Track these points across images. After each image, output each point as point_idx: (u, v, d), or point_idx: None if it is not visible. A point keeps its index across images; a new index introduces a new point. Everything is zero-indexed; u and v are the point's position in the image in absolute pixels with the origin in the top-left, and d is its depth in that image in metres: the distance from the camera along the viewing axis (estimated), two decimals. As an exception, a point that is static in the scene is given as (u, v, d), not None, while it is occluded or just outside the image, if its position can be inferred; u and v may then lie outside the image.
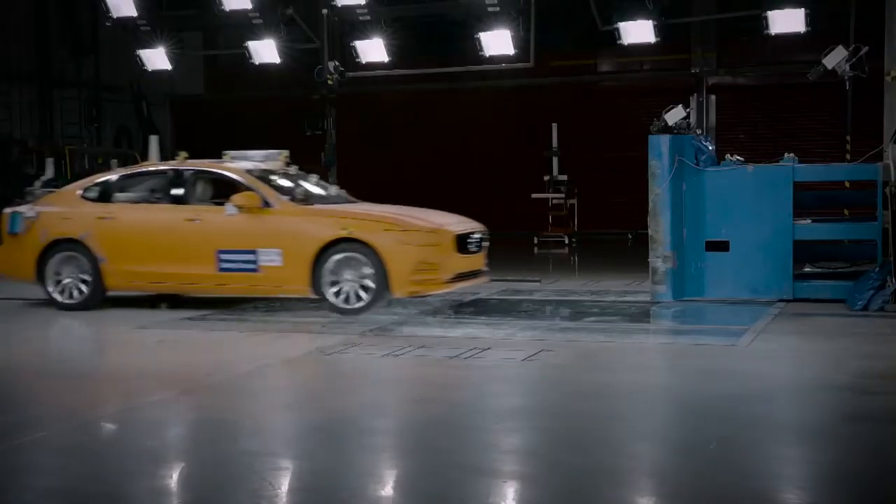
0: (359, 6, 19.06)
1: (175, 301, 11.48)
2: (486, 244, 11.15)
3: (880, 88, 16.36)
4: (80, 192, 11.53)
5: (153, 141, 12.22)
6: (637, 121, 19.59)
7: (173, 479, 5.18)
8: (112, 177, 11.84)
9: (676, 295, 11.10)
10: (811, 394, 6.83)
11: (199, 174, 11.41)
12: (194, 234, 10.82)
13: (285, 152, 12.12)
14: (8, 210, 11.67)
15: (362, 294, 10.23)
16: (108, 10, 19.67)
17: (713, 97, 18.92)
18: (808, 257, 11.65)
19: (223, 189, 11.44)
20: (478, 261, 11.01)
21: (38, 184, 12.33)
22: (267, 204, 10.69)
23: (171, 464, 5.46)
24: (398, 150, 24.50)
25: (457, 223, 10.94)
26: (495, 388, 7.20)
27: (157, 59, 20.38)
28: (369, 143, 24.02)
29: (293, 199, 10.94)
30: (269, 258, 10.48)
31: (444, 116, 23.90)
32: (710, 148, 11.75)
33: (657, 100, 19.72)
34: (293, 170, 11.97)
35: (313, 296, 10.40)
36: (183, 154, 12.00)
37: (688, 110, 17.74)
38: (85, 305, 11.01)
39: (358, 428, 6.03)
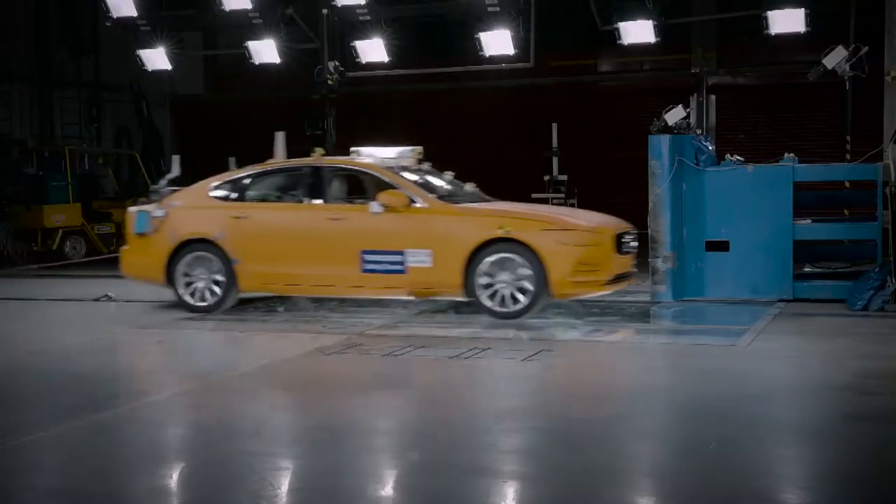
0: (359, 6, 19.06)
1: (284, 301, 11.30)
2: (635, 245, 10.61)
3: (880, 88, 16.35)
4: (209, 190, 11.07)
5: (279, 138, 11.31)
6: (637, 121, 19.60)
7: (173, 479, 5.18)
8: (242, 174, 11.17)
9: (676, 295, 11.10)
10: (811, 393, 6.83)
11: (337, 171, 10.96)
12: (337, 233, 10.39)
13: (418, 148, 11.61)
14: (133, 209, 11.29)
15: (519, 297, 9.77)
16: (108, 10, 19.67)
17: (713, 97, 18.91)
18: (808, 257, 11.65)
19: (356, 187, 11.31)
20: (629, 262, 10.48)
21: (162, 182, 11.57)
22: (412, 202, 10.28)
23: (170, 464, 5.46)
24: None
25: (612, 222, 10.51)
26: (495, 388, 7.20)
27: (157, 59, 20.37)
28: (369, 143, 23.90)
29: (440, 198, 10.55)
30: (418, 259, 10.03)
31: (444, 116, 23.88)
32: (710, 148, 11.76)
33: (657, 100, 19.74)
34: (426, 166, 11.59)
35: (464, 298, 10.04)
36: (319, 151, 11.61)
37: (688, 110, 17.73)
38: (217, 308, 10.63)
39: (358, 428, 6.03)
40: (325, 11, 19.89)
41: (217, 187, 11.10)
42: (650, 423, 6.18)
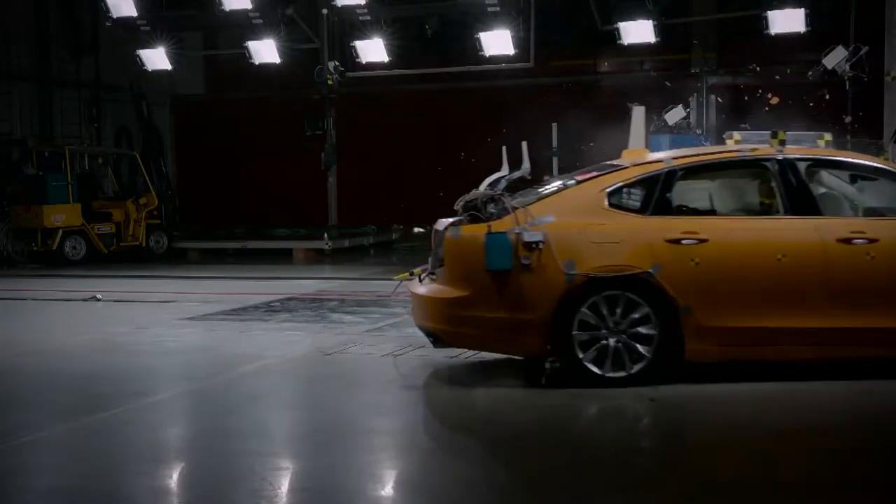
0: (359, 6, 19.08)
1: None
2: None
3: (880, 88, 16.36)
4: (605, 197, 7.11)
5: (638, 112, 8.52)
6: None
7: (173, 478, 5.18)
8: (653, 172, 7.25)
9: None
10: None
11: (818, 165, 7.53)
12: (877, 262, 6.91)
13: (826, 135, 9.31)
14: (472, 232, 7.04)
15: None
16: (108, 10, 19.70)
17: (713, 97, 18.92)
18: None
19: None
20: None
21: (485, 186, 7.77)
22: None
23: (171, 463, 5.46)
24: (398, 150, 24.49)
25: None
26: (495, 388, 7.18)
27: (157, 59, 20.40)
28: (369, 143, 24.01)
29: None
30: None
31: (444, 116, 23.89)
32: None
33: (657, 100, 19.77)
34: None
35: None
36: (735, 136, 8.91)
37: (688, 110, 17.83)
38: (642, 379, 6.80)
39: (358, 428, 6.03)
40: (325, 11, 19.93)
41: (616, 192, 7.19)
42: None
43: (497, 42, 18.46)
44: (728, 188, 7.72)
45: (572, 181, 7.38)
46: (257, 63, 20.06)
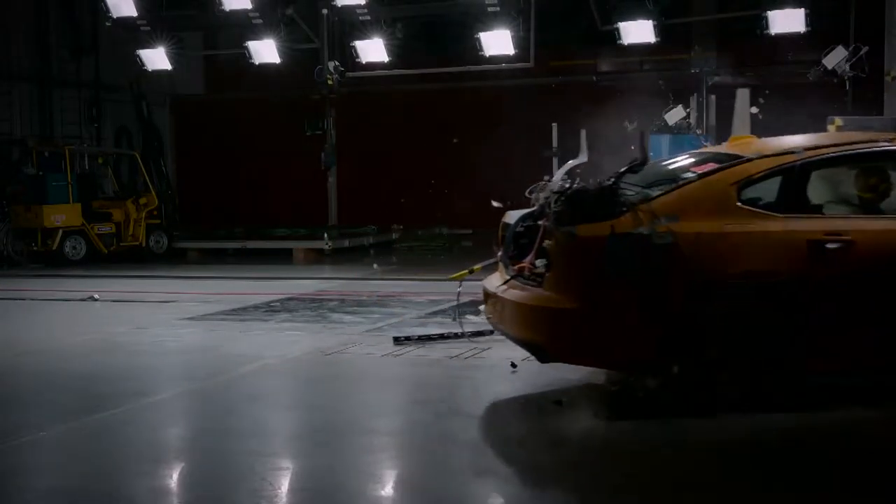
0: (359, 6, 19.09)
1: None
2: None
3: (880, 88, 16.37)
4: (734, 194, 6.13)
5: (742, 95, 7.72)
6: (637, 121, 19.59)
7: (173, 478, 5.18)
8: (785, 164, 6.27)
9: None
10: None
11: None
12: None
13: (838, 119, 8.48)
14: (594, 233, 6.01)
15: None
16: (108, 10, 19.70)
17: (713, 97, 18.92)
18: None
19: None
20: None
21: (560, 175, 6.93)
22: None
23: (171, 464, 5.46)
24: (398, 150, 24.50)
25: None
26: (496, 389, 7.19)
27: (157, 59, 20.41)
28: (369, 142, 24.02)
29: None
30: None
31: (444, 116, 23.89)
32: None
33: (657, 100, 19.76)
34: None
35: None
36: (837, 121, 8.35)
37: (688, 110, 17.83)
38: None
39: (358, 428, 6.03)
40: (325, 11, 19.94)
41: (747, 186, 6.21)
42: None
43: (497, 42, 18.47)
44: (865, 182, 6.54)
45: (689, 174, 6.39)
46: (257, 63, 20.06)
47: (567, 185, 6.52)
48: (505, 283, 6.65)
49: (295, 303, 11.91)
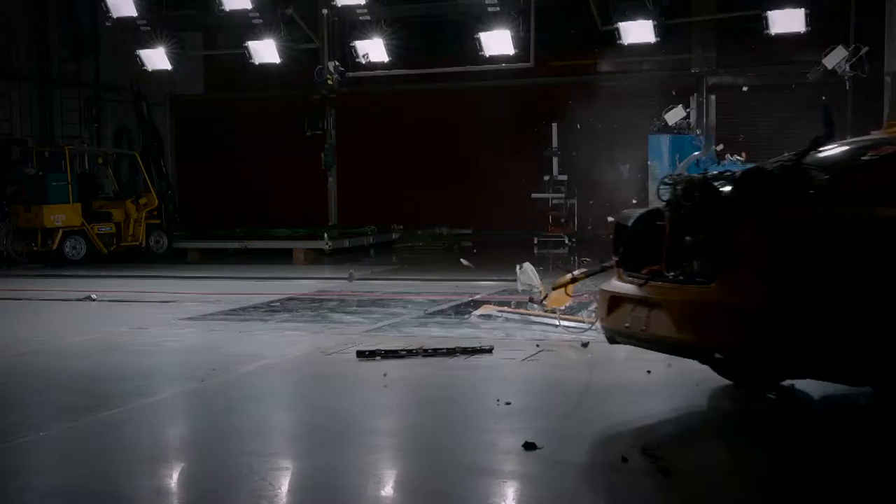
0: (359, 6, 19.10)
1: None
2: None
3: (880, 88, 16.37)
4: None
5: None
6: (637, 121, 19.60)
7: (173, 478, 5.18)
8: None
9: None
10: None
11: None
12: None
13: None
14: (798, 225, 5.22)
15: None
16: (108, 10, 19.70)
17: (713, 97, 18.92)
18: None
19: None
20: None
21: (682, 166, 6.58)
22: None
23: (171, 464, 5.46)
24: (398, 150, 24.51)
25: None
26: (496, 389, 7.19)
27: (157, 59, 20.41)
28: (369, 143, 24.02)
29: None
30: None
31: (444, 116, 23.90)
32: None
33: (657, 100, 19.77)
34: None
35: None
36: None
37: (688, 110, 17.83)
38: None
39: (358, 428, 6.03)
40: (325, 11, 19.94)
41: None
42: (643, 421, 6.15)
43: (497, 42, 18.47)
44: None
45: (868, 156, 5.58)
46: (257, 63, 20.07)
47: (712, 174, 5.79)
48: (643, 284, 5.89)
49: (295, 303, 11.92)
